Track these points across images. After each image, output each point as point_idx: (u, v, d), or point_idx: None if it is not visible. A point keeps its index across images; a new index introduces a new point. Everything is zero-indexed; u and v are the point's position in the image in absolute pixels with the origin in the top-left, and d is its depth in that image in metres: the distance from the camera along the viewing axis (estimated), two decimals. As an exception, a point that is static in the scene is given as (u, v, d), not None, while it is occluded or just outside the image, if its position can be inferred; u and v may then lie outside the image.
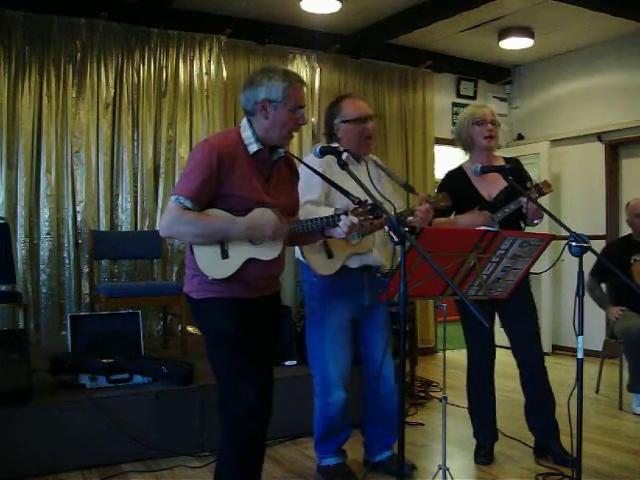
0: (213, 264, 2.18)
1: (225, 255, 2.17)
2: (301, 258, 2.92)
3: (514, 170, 3.12)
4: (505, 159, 3.40)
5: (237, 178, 2.18)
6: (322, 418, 3.04)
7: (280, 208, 2.27)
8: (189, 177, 2.16)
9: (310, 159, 2.57)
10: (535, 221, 3.18)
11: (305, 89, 2.30)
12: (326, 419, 3.02)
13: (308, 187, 2.81)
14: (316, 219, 2.31)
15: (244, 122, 2.29)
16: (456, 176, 3.36)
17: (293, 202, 2.44)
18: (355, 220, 2.22)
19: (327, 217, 2.30)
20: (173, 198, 2.15)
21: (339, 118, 2.96)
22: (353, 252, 2.89)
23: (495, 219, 3.11)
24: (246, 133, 2.26)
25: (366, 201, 2.19)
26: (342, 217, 2.25)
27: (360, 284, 2.97)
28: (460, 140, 3.37)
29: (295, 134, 2.37)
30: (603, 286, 4.54)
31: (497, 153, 3.44)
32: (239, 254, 2.18)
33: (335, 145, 2.57)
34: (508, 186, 3.10)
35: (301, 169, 2.53)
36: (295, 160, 2.50)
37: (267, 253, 2.23)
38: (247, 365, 2.21)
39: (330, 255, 2.87)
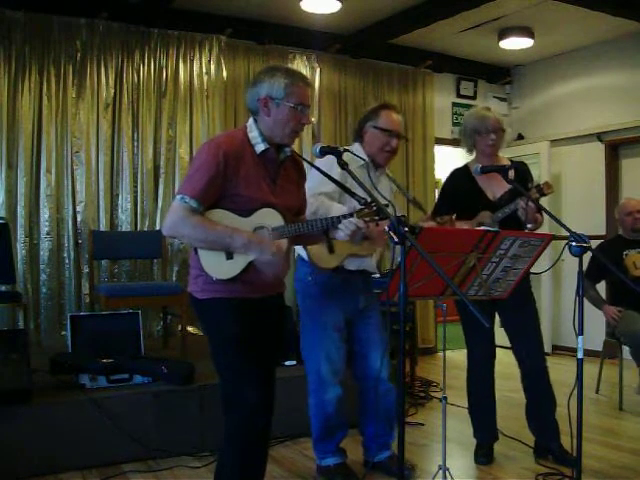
0: (217, 264, 2.17)
1: (230, 256, 2.17)
2: (300, 252, 2.92)
3: (517, 170, 3.12)
4: (511, 161, 3.40)
5: (243, 178, 2.17)
6: (318, 416, 3.04)
7: (286, 208, 2.27)
8: (195, 176, 2.14)
9: (325, 160, 2.58)
10: (529, 225, 3.17)
11: (309, 89, 2.29)
12: (323, 417, 3.03)
13: (324, 180, 2.81)
14: (316, 220, 2.31)
15: (250, 122, 2.28)
16: (461, 175, 3.36)
17: (299, 202, 2.44)
18: (360, 223, 2.21)
19: (328, 218, 2.30)
20: (178, 197, 2.14)
21: (372, 122, 3.00)
22: (354, 252, 2.89)
23: (495, 219, 3.11)
24: (253, 133, 2.25)
25: (372, 202, 2.19)
26: (343, 220, 2.25)
27: (355, 287, 2.98)
28: (464, 143, 3.39)
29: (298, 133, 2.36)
30: (598, 287, 4.54)
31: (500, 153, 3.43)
32: (244, 255, 2.18)
33: (335, 145, 2.57)
34: (511, 187, 3.10)
35: (316, 163, 2.54)
36: (305, 161, 2.50)
37: None
38: (250, 365, 2.21)
39: (331, 250, 2.87)
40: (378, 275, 3.24)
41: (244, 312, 2.22)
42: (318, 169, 2.46)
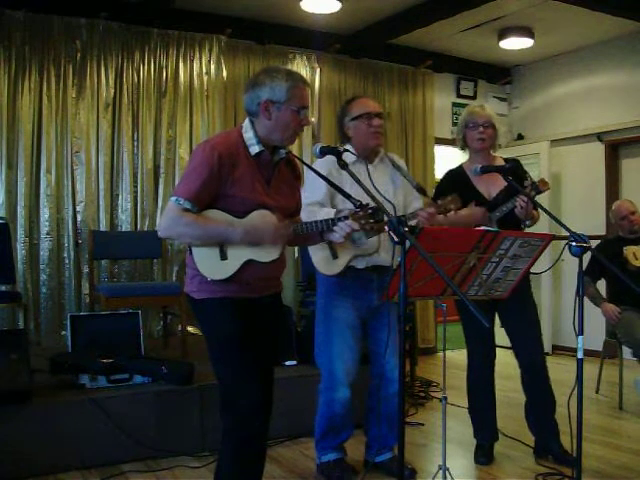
0: (212, 265, 2.18)
1: (224, 256, 2.17)
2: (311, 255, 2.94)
3: (512, 169, 3.12)
4: (504, 159, 3.41)
5: (238, 179, 2.17)
6: (325, 415, 3.04)
7: (281, 209, 2.27)
8: (189, 178, 2.16)
9: (317, 161, 2.59)
10: (527, 222, 3.18)
11: (308, 89, 2.29)
12: (329, 416, 3.03)
13: (313, 188, 2.82)
14: (311, 222, 2.31)
15: (246, 123, 2.28)
16: (456, 175, 3.37)
17: (294, 203, 2.43)
18: (355, 225, 2.21)
19: (322, 221, 2.29)
20: (173, 199, 2.15)
21: (348, 117, 3.02)
22: (357, 254, 2.89)
23: (492, 218, 3.12)
24: (248, 134, 2.25)
25: (367, 204, 2.18)
26: (338, 222, 2.24)
27: (368, 284, 2.97)
28: (457, 139, 3.41)
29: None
30: (598, 284, 4.55)
31: (497, 153, 3.43)
32: (238, 255, 2.18)
33: (335, 145, 2.57)
34: (507, 185, 3.11)
35: (307, 170, 2.53)
36: (297, 161, 2.49)
37: (266, 255, 2.22)
38: (247, 365, 2.21)
39: (335, 255, 2.88)
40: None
41: (241, 312, 2.22)
42: (313, 169, 2.46)
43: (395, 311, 2.98)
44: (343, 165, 2.31)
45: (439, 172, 6.43)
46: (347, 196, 2.24)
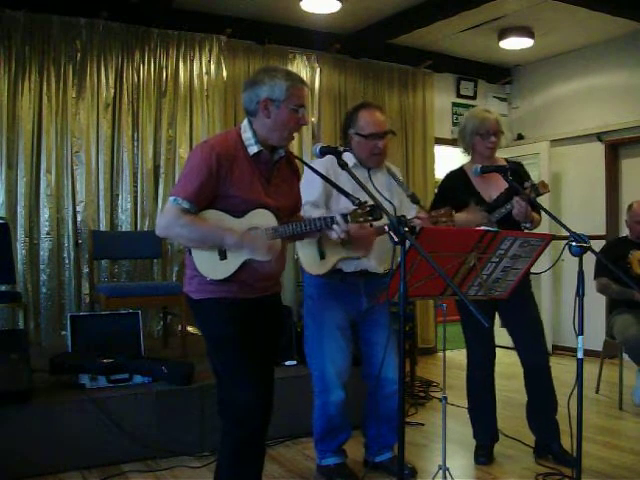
0: (211, 265, 2.18)
1: (223, 256, 2.18)
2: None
3: (512, 171, 3.12)
4: (507, 160, 3.40)
5: (237, 179, 2.18)
6: (321, 417, 3.04)
7: (281, 209, 2.27)
8: (188, 178, 2.16)
9: (316, 161, 2.59)
10: (527, 225, 3.17)
11: (306, 90, 2.30)
12: (325, 418, 3.02)
13: (309, 188, 2.81)
14: (310, 221, 2.31)
15: (245, 123, 2.29)
16: (457, 177, 3.36)
17: (294, 202, 2.44)
18: (353, 226, 2.21)
19: (321, 218, 2.29)
20: (171, 199, 2.16)
21: (353, 129, 2.96)
22: (345, 256, 2.88)
23: (492, 219, 3.11)
24: (246, 134, 2.25)
25: (366, 202, 2.19)
26: (337, 220, 2.24)
27: (356, 289, 2.97)
28: (462, 142, 3.38)
29: (295, 134, 2.36)
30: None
31: (498, 154, 3.42)
32: (237, 255, 2.18)
33: (335, 145, 2.57)
34: (508, 187, 3.10)
35: (304, 170, 2.53)
36: (296, 159, 2.50)
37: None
38: (246, 365, 2.21)
39: (322, 256, 2.87)
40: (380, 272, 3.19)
41: (239, 312, 2.22)
42: (312, 168, 2.46)
43: (388, 311, 2.98)
44: (343, 165, 2.31)
45: (439, 172, 6.44)
46: (346, 194, 2.24)
